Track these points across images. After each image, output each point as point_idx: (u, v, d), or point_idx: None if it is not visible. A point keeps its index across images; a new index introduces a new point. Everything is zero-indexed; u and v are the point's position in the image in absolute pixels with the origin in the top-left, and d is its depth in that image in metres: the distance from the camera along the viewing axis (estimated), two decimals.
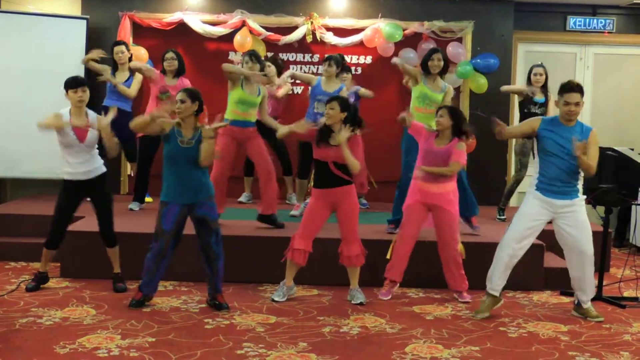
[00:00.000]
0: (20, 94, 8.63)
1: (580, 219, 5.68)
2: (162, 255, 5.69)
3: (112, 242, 6.24)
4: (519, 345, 5.12)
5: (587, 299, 5.84)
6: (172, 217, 5.65)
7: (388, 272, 6.27)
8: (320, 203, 5.97)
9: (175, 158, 5.64)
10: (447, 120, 6.06)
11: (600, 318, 5.77)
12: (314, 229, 6.01)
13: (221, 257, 5.78)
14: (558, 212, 5.68)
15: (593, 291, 5.89)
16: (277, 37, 9.15)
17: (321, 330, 5.32)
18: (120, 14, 9.07)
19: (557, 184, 5.63)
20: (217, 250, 5.75)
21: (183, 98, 5.65)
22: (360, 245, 6.02)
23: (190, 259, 6.23)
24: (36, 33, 8.75)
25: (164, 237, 5.65)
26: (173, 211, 5.66)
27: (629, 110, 10.02)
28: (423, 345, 5.05)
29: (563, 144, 5.58)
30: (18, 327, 5.18)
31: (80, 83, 6.02)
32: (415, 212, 6.17)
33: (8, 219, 7.68)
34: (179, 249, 5.87)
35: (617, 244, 9.03)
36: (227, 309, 5.73)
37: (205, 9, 9.24)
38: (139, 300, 5.76)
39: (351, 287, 6.12)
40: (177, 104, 5.65)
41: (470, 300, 6.17)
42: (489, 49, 9.35)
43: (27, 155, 8.63)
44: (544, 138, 5.66)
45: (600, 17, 9.87)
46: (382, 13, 9.22)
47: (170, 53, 7.81)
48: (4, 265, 7.09)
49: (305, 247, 5.98)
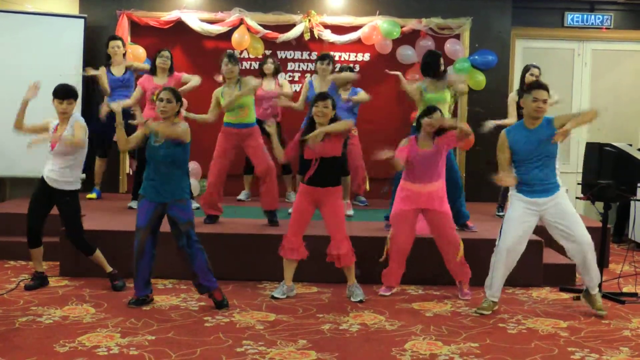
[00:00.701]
0: (18, 93, 8.57)
1: (565, 209, 5.71)
2: (140, 253, 5.65)
3: (87, 251, 6.22)
4: (519, 342, 5.13)
5: (594, 285, 5.83)
6: (146, 214, 5.65)
7: (385, 278, 6.26)
8: (306, 199, 6.00)
9: (150, 157, 5.67)
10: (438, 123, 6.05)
11: (602, 312, 5.75)
12: (303, 224, 6.05)
13: (197, 257, 5.67)
14: (542, 209, 5.71)
15: (598, 277, 5.86)
16: (275, 35, 9.16)
17: (321, 328, 5.32)
18: (118, 13, 9.08)
19: (536, 185, 5.68)
20: (190, 251, 5.67)
21: (169, 98, 5.63)
22: (349, 244, 6.01)
23: None
24: (34, 32, 8.76)
25: (139, 234, 5.65)
26: (147, 208, 5.65)
27: (627, 106, 10.02)
28: (422, 342, 5.06)
29: (532, 149, 5.64)
30: (18, 325, 5.18)
31: (66, 95, 5.98)
32: (405, 219, 6.13)
33: (7, 218, 7.68)
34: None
35: (616, 240, 9.03)
36: (227, 307, 5.73)
37: (203, 7, 9.24)
38: (136, 300, 5.75)
39: (349, 284, 6.12)
40: (163, 102, 5.61)
41: (470, 297, 6.17)
42: (487, 46, 9.36)
43: (26, 154, 8.56)
44: (513, 150, 5.72)
45: (598, 13, 9.87)
46: (379, 10, 9.23)
47: (166, 52, 7.78)
48: (3, 264, 7.09)
49: (296, 244, 6.01)
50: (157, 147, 5.61)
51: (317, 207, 6.03)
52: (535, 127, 5.68)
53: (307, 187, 6.00)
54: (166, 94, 5.64)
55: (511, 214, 5.79)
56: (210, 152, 7.13)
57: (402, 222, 6.14)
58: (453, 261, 6.18)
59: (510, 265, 5.81)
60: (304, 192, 6.02)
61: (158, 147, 5.61)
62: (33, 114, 6.27)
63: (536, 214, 5.74)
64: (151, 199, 5.66)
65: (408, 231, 6.14)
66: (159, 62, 7.73)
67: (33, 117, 8.73)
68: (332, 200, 5.99)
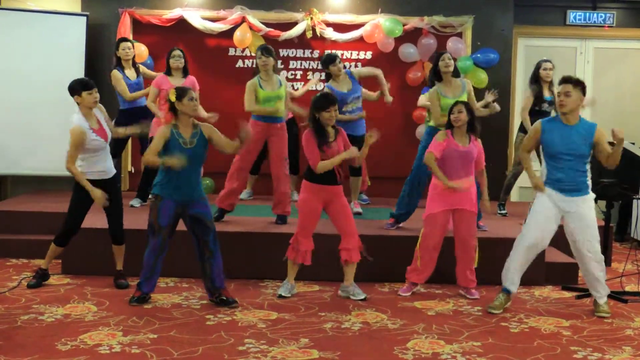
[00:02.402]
0: (20, 91, 8.63)
1: (587, 223, 5.65)
2: (162, 250, 5.69)
3: (120, 239, 6.26)
4: (521, 341, 5.12)
5: (600, 295, 5.78)
6: (167, 212, 5.65)
7: (410, 274, 6.22)
8: (315, 198, 5.96)
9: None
10: (465, 115, 6.00)
11: (603, 314, 5.72)
12: (313, 225, 6.02)
13: (216, 255, 5.76)
14: (567, 210, 5.65)
15: (605, 288, 5.79)
16: (277, 33, 9.15)
17: (323, 326, 5.32)
18: (120, 11, 9.06)
19: (565, 183, 5.63)
20: (213, 248, 5.74)
21: (197, 97, 5.76)
22: (359, 239, 6.04)
23: (191, 255, 6.21)
24: (36, 30, 8.75)
25: (162, 233, 5.65)
26: (169, 206, 5.65)
27: (630, 105, 10.01)
28: (425, 341, 5.05)
29: (567, 144, 5.58)
30: (20, 324, 5.18)
31: (93, 84, 6.03)
32: (439, 222, 6.07)
33: (9, 215, 7.68)
34: (181, 245, 5.87)
35: (618, 239, 9.01)
36: (236, 303, 5.73)
37: (205, 5, 9.23)
38: (139, 297, 5.76)
39: (348, 284, 6.10)
40: (193, 102, 5.64)
41: (478, 297, 6.15)
42: (489, 44, 9.34)
43: (27, 152, 8.64)
44: (547, 141, 5.65)
45: (600, 11, 9.85)
46: (381, 8, 9.21)
47: (177, 51, 7.71)
48: (5, 262, 7.09)
49: (309, 247, 6.00)
50: (189, 149, 5.60)
51: (325, 205, 6.02)
52: (573, 125, 5.62)
53: (316, 186, 5.95)
54: (194, 93, 5.70)
55: (536, 208, 5.75)
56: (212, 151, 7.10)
57: (434, 224, 6.08)
58: (468, 266, 6.14)
59: (530, 258, 5.78)
60: (313, 190, 5.96)
61: (191, 149, 5.61)
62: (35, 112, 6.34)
63: (559, 215, 5.69)
64: (173, 199, 5.65)
65: (440, 233, 6.10)
66: (172, 62, 7.66)
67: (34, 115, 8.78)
68: (339, 198, 6.01)
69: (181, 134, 5.62)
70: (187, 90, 5.66)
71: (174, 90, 5.63)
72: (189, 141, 5.63)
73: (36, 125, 8.53)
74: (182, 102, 5.59)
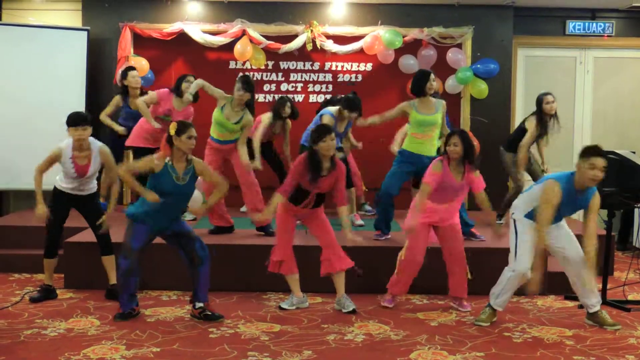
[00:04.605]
0: (21, 106, 8.65)
1: (569, 230, 5.74)
2: (131, 272, 5.60)
3: (107, 249, 6.26)
4: (524, 350, 5.12)
5: (592, 304, 5.75)
6: (141, 237, 5.60)
7: (392, 286, 6.22)
8: (289, 214, 6.02)
9: (170, 194, 5.54)
10: (460, 147, 5.89)
11: (616, 326, 5.67)
12: (288, 238, 6.07)
13: (206, 262, 5.73)
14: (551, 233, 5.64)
15: (596, 294, 5.78)
16: (277, 46, 9.18)
17: (325, 338, 5.32)
18: (121, 25, 9.10)
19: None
20: (202, 254, 5.72)
21: (195, 135, 5.57)
22: (340, 248, 6.05)
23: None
24: (37, 45, 8.79)
25: (132, 256, 5.57)
26: (144, 231, 5.60)
27: (630, 114, 10.02)
28: (428, 352, 5.05)
29: (570, 207, 5.61)
30: (23, 338, 5.19)
31: (81, 121, 5.97)
32: (421, 234, 6.06)
33: (11, 230, 7.70)
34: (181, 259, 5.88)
35: (620, 247, 9.02)
36: (222, 318, 5.72)
37: (206, 19, 9.27)
38: (122, 314, 5.69)
39: (339, 296, 6.09)
40: (191, 140, 5.52)
41: (470, 309, 6.14)
42: (489, 55, 9.38)
43: (29, 167, 8.59)
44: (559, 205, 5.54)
45: (600, 21, 9.88)
46: (381, 20, 9.25)
47: (192, 77, 7.56)
48: (7, 277, 7.10)
49: (283, 257, 6.02)
50: (181, 186, 5.56)
51: (302, 220, 6.13)
52: (582, 190, 5.52)
53: (294, 207, 5.98)
54: (193, 132, 5.53)
55: (524, 238, 5.63)
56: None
57: (417, 236, 6.05)
58: (460, 276, 6.14)
59: (522, 282, 5.75)
60: (289, 210, 6.00)
61: (183, 186, 5.57)
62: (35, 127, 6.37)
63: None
64: (152, 226, 5.62)
65: (421, 246, 6.09)
66: (184, 87, 7.54)
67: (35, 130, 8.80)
68: (318, 214, 6.07)
69: (175, 168, 5.56)
70: (188, 127, 5.51)
71: (175, 124, 5.51)
72: (182, 177, 5.57)
73: (38, 140, 8.53)
74: (180, 138, 5.47)
